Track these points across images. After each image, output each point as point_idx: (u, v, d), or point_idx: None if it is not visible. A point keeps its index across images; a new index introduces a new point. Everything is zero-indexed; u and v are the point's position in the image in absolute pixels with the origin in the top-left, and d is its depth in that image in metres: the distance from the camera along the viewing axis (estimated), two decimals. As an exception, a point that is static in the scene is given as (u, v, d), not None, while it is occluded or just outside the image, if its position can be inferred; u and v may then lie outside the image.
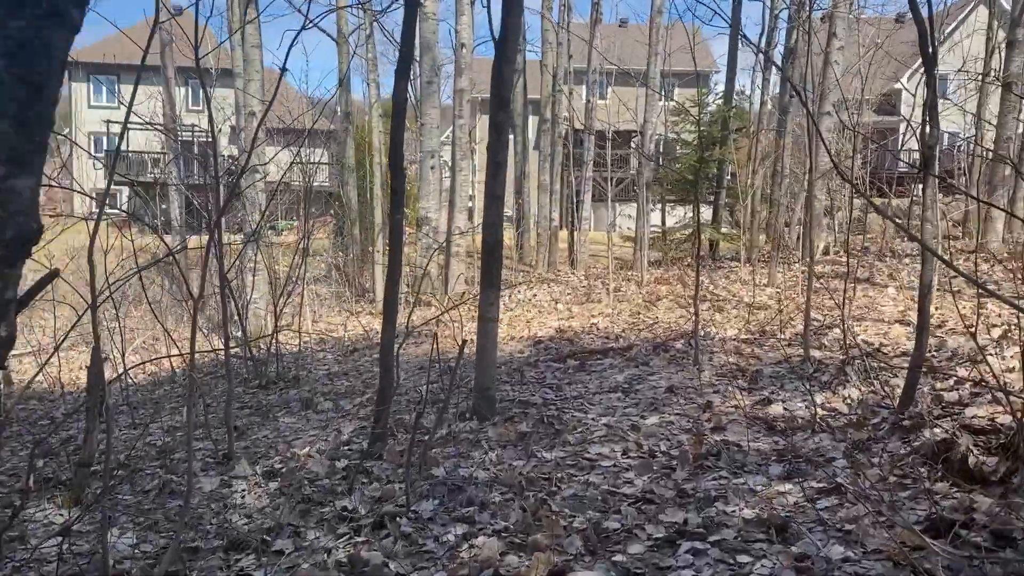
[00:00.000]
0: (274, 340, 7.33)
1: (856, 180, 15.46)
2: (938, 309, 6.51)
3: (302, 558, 3.12)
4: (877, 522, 2.73)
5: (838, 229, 14.77)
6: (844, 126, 10.64)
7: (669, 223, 17.39)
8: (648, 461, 3.90)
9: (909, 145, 21.66)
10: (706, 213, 14.90)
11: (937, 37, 3.60)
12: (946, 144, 19.70)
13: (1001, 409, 3.64)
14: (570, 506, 3.37)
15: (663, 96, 16.95)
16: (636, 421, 4.59)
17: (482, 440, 4.37)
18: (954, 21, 24.61)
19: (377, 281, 13.80)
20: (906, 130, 14.78)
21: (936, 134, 3.79)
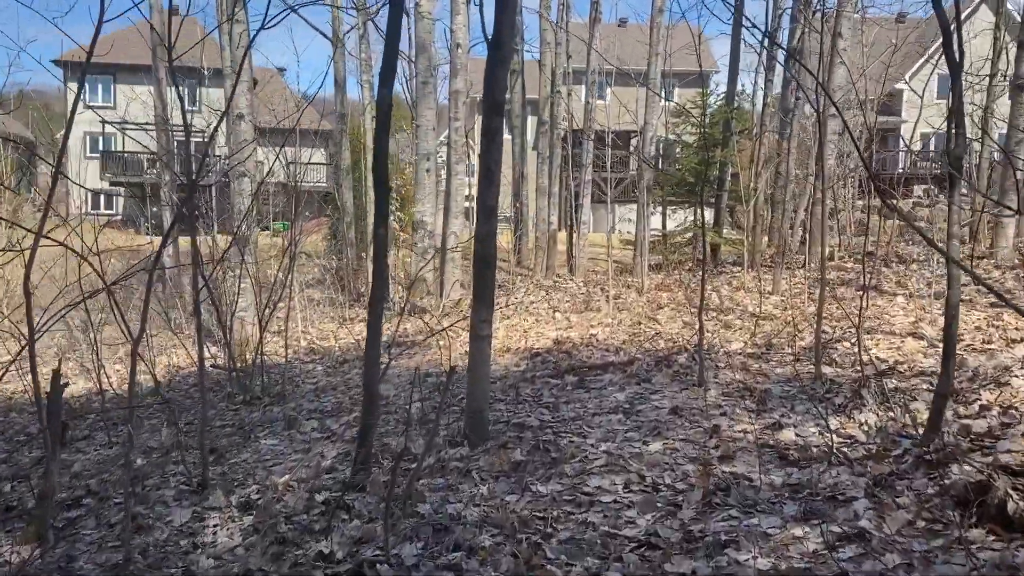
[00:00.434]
0: (259, 352, 7.03)
1: (862, 182, 15.18)
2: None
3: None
4: (910, 580, 2.44)
5: (840, 233, 14.48)
6: (846, 127, 10.33)
7: (670, 226, 17.09)
8: (652, 496, 3.60)
9: (909, 145, 21.40)
10: (707, 216, 14.58)
11: (962, 39, 3.34)
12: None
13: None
14: (567, 552, 3.08)
15: (663, 97, 16.64)
16: (638, 448, 4.30)
17: (473, 470, 4.07)
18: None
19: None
20: (912, 132, 14.43)
21: (964, 144, 3.49)
